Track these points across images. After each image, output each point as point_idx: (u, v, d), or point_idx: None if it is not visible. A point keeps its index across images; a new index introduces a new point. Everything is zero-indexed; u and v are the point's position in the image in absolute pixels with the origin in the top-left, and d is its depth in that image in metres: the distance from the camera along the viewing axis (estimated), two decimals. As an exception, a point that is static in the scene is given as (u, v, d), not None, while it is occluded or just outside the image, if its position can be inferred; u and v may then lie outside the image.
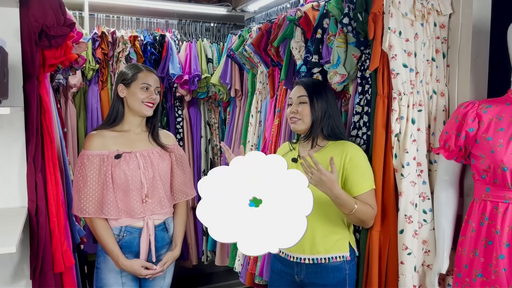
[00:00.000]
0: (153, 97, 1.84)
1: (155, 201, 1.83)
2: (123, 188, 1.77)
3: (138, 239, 1.81)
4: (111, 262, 1.80)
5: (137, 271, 1.79)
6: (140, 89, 1.82)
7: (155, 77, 1.88)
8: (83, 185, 1.76)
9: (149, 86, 1.84)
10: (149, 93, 1.83)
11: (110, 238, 1.77)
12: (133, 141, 1.85)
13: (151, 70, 1.90)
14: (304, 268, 1.70)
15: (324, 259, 1.68)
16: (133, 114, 1.86)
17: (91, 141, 1.79)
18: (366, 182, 1.67)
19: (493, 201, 1.44)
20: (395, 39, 1.63)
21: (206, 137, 3.40)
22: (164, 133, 2.00)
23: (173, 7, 3.31)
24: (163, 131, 2.01)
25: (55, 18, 1.64)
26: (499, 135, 1.43)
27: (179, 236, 1.95)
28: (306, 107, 1.73)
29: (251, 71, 2.84)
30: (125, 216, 1.79)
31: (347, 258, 1.69)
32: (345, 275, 1.68)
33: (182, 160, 1.99)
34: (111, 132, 1.83)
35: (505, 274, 1.38)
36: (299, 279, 1.72)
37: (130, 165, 1.78)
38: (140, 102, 1.82)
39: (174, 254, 1.91)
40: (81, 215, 1.76)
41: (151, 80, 1.85)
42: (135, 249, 1.82)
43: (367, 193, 1.66)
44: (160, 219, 1.87)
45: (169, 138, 1.99)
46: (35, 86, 1.68)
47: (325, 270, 1.68)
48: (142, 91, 1.82)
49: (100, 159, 1.77)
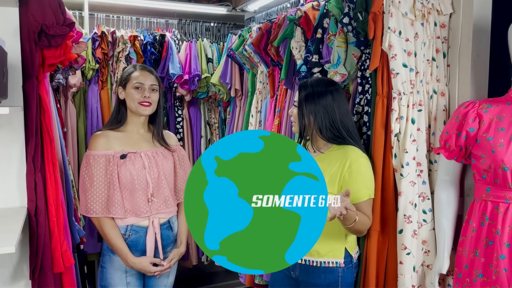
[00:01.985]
0: (147, 96, 1.82)
1: (160, 200, 1.85)
2: (129, 187, 1.80)
3: (144, 238, 1.84)
4: (117, 261, 1.82)
5: (146, 267, 1.81)
6: (134, 89, 1.83)
7: (150, 75, 1.87)
8: (90, 185, 1.77)
9: (141, 85, 1.83)
10: (142, 92, 1.82)
11: (118, 237, 1.80)
12: (137, 142, 1.87)
13: (146, 69, 1.89)
14: (298, 266, 1.71)
15: (317, 262, 1.66)
16: (134, 115, 1.87)
17: (96, 142, 1.80)
18: (365, 191, 1.62)
19: (493, 201, 1.43)
20: (395, 39, 1.63)
21: (206, 137, 3.39)
22: (167, 133, 2.01)
23: (173, 7, 3.31)
24: (165, 131, 2.02)
25: (55, 18, 1.63)
26: (499, 135, 1.42)
27: (184, 233, 1.97)
28: (295, 111, 1.72)
29: (251, 71, 2.84)
30: (131, 215, 1.81)
31: (341, 265, 1.66)
32: (338, 277, 1.66)
33: (184, 160, 2.01)
34: (115, 132, 1.86)
35: (506, 274, 1.38)
36: (294, 275, 1.73)
37: (136, 165, 1.81)
38: (136, 103, 1.82)
39: (180, 251, 1.93)
40: (88, 215, 1.78)
41: (143, 79, 1.84)
42: (141, 247, 1.84)
43: (365, 203, 1.61)
44: (165, 217, 1.89)
45: (171, 138, 2.01)
46: (34, 85, 1.68)
47: (317, 271, 1.67)
48: (135, 91, 1.82)
49: (106, 159, 1.78)
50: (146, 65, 1.99)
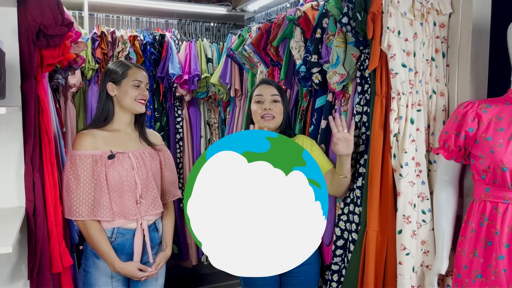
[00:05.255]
0: (145, 94, 1.84)
1: (148, 201, 1.80)
2: (117, 189, 1.74)
3: (130, 241, 1.79)
4: (103, 266, 1.77)
5: (133, 273, 1.76)
6: (132, 86, 1.81)
7: (144, 73, 1.87)
8: (76, 187, 1.71)
9: (140, 82, 1.83)
10: (140, 90, 1.83)
11: (105, 241, 1.74)
12: (125, 141, 1.83)
13: (140, 67, 1.89)
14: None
15: None
16: (124, 112, 1.83)
17: (82, 141, 1.74)
18: (328, 163, 1.90)
19: (492, 202, 1.43)
20: (394, 39, 1.62)
21: (206, 137, 3.39)
22: (151, 132, 1.98)
23: (173, 7, 3.31)
24: (150, 130, 1.99)
25: (53, 18, 1.63)
26: (498, 135, 1.42)
27: (169, 236, 1.94)
28: (279, 105, 1.91)
29: (250, 71, 2.84)
30: (119, 218, 1.76)
31: None
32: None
33: (169, 160, 1.98)
34: (101, 131, 1.80)
35: (505, 275, 1.37)
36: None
37: (124, 166, 1.76)
38: (133, 100, 1.81)
39: (166, 254, 1.90)
40: (73, 217, 1.72)
41: (141, 77, 1.84)
42: (128, 250, 1.79)
43: (330, 171, 1.86)
44: (151, 219, 1.85)
45: (156, 137, 1.98)
46: (32, 85, 1.68)
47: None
48: (134, 89, 1.81)
49: (93, 159, 1.73)
50: (134, 62, 1.98)
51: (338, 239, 1.90)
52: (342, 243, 1.89)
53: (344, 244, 1.89)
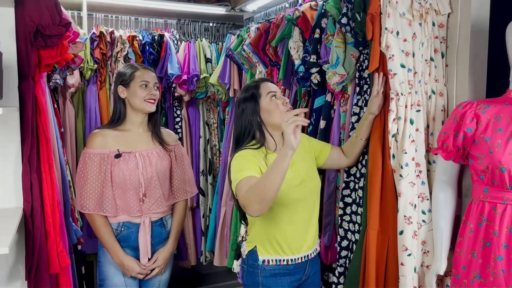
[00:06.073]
0: (153, 93, 1.89)
1: (152, 200, 1.87)
2: (121, 186, 1.83)
3: (136, 234, 1.87)
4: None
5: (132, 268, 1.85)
6: (139, 87, 1.87)
7: (153, 74, 1.93)
8: (84, 183, 1.83)
9: (147, 83, 1.89)
10: (149, 90, 1.88)
11: (109, 234, 1.84)
12: (134, 141, 1.89)
13: (148, 68, 1.95)
14: (310, 262, 1.75)
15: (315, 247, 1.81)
16: (136, 113, 1.90)
17: (93, 140, 1.84)
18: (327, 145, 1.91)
19: (491, 202, 1.42)
20: (392, 40, 1.62)
21: (205, 137, 3.39)
22: (167, 132, 2.03)
23: (172, 7, 3.30)
24: (166, 130, 2.05)
25: (51, 18, 1.63)
26: (497, 135, 1.41)
27: (173, 234, 1.99)
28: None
29: (249, 71, 2.83)
30: (122, 213, 1.85)
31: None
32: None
33: (182, 159, 2.02)
34: (113, 131, 1.88)
35: (503, 276, 1.37)
36: (305, 277, 1.75)
37: (129, 165, 1.83)
38: (142, 100, 1.87)
39: (164, 251, 1.94)
40: (82, 210, 1.85)
41: (148, 77, 1.90)
42: (133, 243, 1.87)
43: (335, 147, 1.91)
44: (157, 216, 1.91)
45: (171, 136, 2.03)
46: (30, 86, 1.68)
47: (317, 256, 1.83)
48: (142, 89, 1.87)
49: (101, 157, 1.82)
50: (143, 64, 2.02)
51: (342, 239, 1.89)
52: (346, 244, 1.89)
53: (348, 245, 1.88)
